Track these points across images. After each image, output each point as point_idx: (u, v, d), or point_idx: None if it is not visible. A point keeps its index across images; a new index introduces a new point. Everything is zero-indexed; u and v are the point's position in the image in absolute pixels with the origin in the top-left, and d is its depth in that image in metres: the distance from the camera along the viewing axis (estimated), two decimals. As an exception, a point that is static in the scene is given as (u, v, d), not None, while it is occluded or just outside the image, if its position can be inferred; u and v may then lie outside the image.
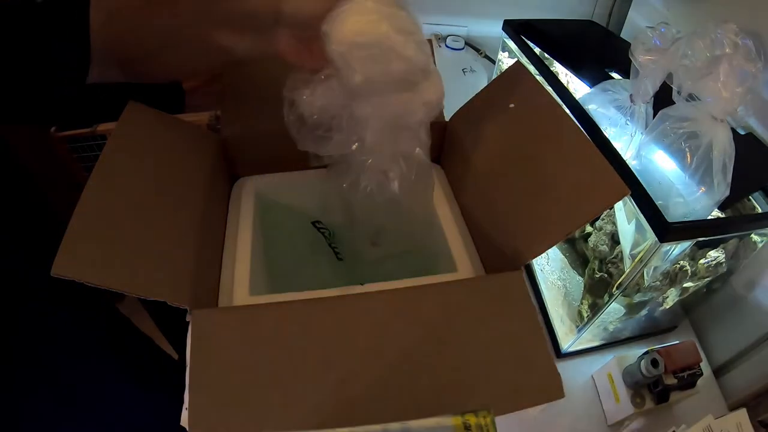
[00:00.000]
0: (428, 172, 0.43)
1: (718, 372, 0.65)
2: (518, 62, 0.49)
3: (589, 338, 0.63)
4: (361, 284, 0.41)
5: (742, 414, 0.53)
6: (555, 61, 0.74)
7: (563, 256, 0.71)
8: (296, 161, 0.53)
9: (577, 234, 0.69)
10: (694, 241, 0.51)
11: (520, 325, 0.36)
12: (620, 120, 0.59)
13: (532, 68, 0.67)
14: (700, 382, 0.56)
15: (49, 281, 0.28)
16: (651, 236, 0.46)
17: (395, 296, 0.37)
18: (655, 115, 0.54)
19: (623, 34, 0.90)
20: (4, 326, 0.42)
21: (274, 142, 0.38)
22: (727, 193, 0.48)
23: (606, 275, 0.59)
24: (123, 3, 0.33)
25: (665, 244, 0.46)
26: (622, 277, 0.54)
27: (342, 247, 0.58)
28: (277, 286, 0.49)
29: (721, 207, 0.52)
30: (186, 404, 0.30)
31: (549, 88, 0.49)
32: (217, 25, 0.34)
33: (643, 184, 0.48)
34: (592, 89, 0.63)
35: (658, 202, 0.46)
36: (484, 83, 0.96)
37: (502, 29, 0.81)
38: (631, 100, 0.58)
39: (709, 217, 0.51)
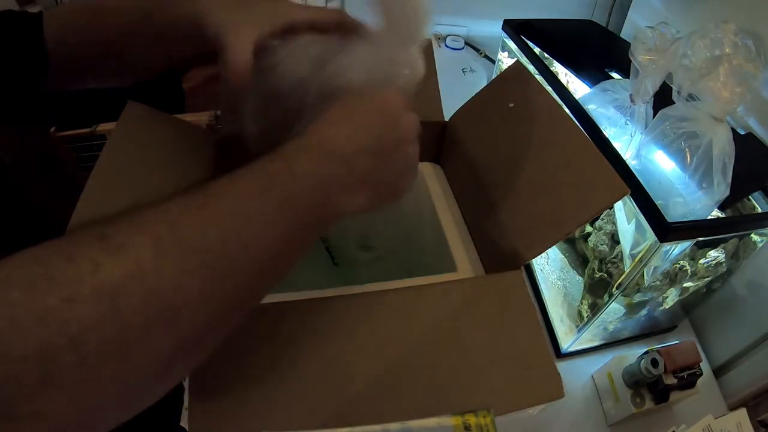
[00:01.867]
0: None
1: (718, 372, 0.65)
2: (518, 62, 0.49)
3: (589, 338, 0.63)
4: (361, 284, 0.41)
5: (742, 414, 0.53)
6: (555, 61, 0.74)
7: (563, 256, 0.71)
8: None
9: (577, 234, 0.69)
10: (694, 241, 0.51)
11: (520, 325, 0.36)
12: (620, 120, 0.59)
13: (532, 68, 0.67)
14: (700, 382, 0.56)
15: None
16: (651, 236, 0.46)
17: (395, 296, 0.37)
18: (655, 115, 0.54)
19: (623, 34, 0.90)
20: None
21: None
22: (727, 193, 0.48)
23: (606, 275, 0.59)
24: (74, 13, 0.35)
25: (665, 244, 0.46)
26: (622, 277, 0.54)
27: (337, 251, 0.57)
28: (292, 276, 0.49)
29: (721, 207, 0.52)
30: (186, 404, 0.30)
31: (549, 88, 0.49)
32: (164, 29, 0.34)
33: (643, 184, 0.48)
34: (592, 89, 0.63)
35: (658, 202, 0.46)
36: (484, 83, 0.96)
37: (502, 29, 0.81)
38: (631, 100, 0.58)
39: (709, 217, 0.51)
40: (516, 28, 0.78)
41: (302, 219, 0.26)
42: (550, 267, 0.71)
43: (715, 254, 0.55)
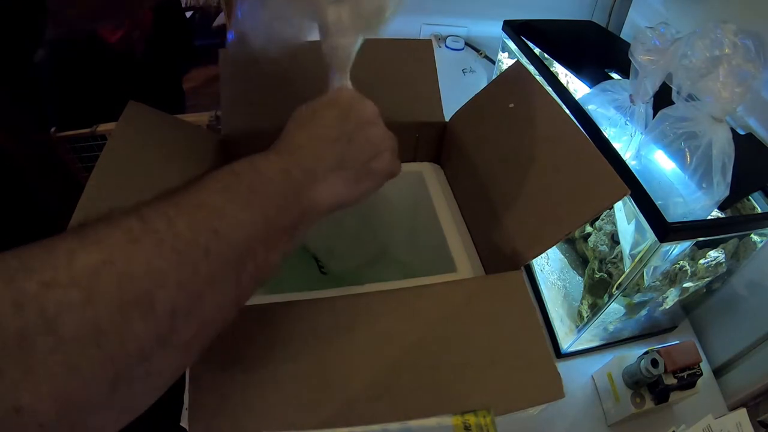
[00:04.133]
0: None
1: (718, 372, 0.65)
2: (518, 62, 0.49)
3: (589, 338, 0.63)
4: (361, 284, 0.41)
5: (742, 414, 0.53)
6: (555, 61, 0.74)
7: (563, 256, 0.71)
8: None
9: (577, 234, 0.69)
10: (694, 241, 0.51)
11: (520, 325, 0.36)
12: (620, 120, 0.59)
13: (532, 68, 0.68)
14: (700, 382, 0.56)
15: None
16: (651, 236, 0.46)
17: (395, 296, 0.37)
18: (654, 115, 0.54)
19: (623, 34, 0.90)
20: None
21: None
22: (727, 193, 0.48)
23: (606, 275, 0.59)
24: None
25: (665, 244, 0.46)
26: (622, 277, 0.54)
27: (327, 258, 0.56)
28: (272, 288, 0.49)
29: (721, 207, 0.52)
30: (186, 404, 0.30)
31: (549, 89, 0.49)
32: None
33: (643, 184, 0.48)
34: (592, 89, 0.63)
35: (658, 202, 0.46)
36: (484, 83, 0.96)
37: (502, 29, 0.81)
38: (631, 101, 0.58)
39: (709, 217, 0.51)
40: (516, 29, 0.78)
41: (274, 207, 0.26)
42: (550, 267, 0.71)
43: (715, 254, 0.55)
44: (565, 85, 0.68)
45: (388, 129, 0.34)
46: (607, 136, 0.55)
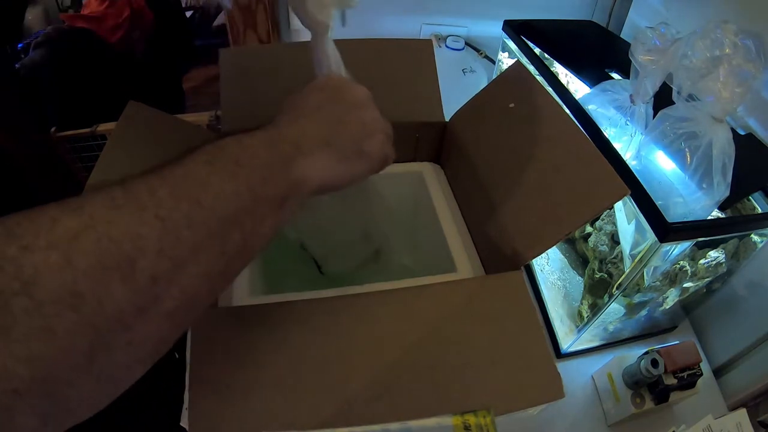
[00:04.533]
0: None
1: (718, 372, 0.65)
2: (518, 62, 0.49)
3: (589, 338, 0.63)
4: (361, 284, 0.41)
5: (742, 414, 0.53)
6: (555, 61, 0.74)
7: (563, 256, 0.71)
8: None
9: (577, 234, 0.69)
10: (694, 241, 0.51)
11: (520, 325, 0.36)
12: (620, 120, 0.59)
13: (532, 68, 0.68)
14: (700, 382, 0.56)
15: None
16: (651, 236, 0.46)
17: (395, 296, 0.37)
18: (655, 115, 0.54)
19: (623, 34, 0.90)
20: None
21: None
22: (727, 193, 0.48)
23: (606, 275, 0.59)
24: None
25: (665, 244, 0.46)
26: (622, 277, 0.54)
27: (324, 258, 0.56)
28: (271, 289, 0.49)
29: (721, 207, 0.52)
30: (186, 404, 0.30)
31: (549, 88, 0.49)
32: None
33: (643, 184, 0.48)
34: (592, 89, 0.63)
35: (658, 202, 0.46)
36: (484, 83, 0.96)
37: (502, 29, 0.81)
38: (631, 101, 0.58)
39: (709, 217, 0.51)
40: (516, 29, 0.78)
41: (260, 179, 0.26)
42: (550, 267, 0.71)
43: (715, 255, 0.55)
44: (565, 85, 0.68)
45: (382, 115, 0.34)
46: (607, 136, 0.55)
